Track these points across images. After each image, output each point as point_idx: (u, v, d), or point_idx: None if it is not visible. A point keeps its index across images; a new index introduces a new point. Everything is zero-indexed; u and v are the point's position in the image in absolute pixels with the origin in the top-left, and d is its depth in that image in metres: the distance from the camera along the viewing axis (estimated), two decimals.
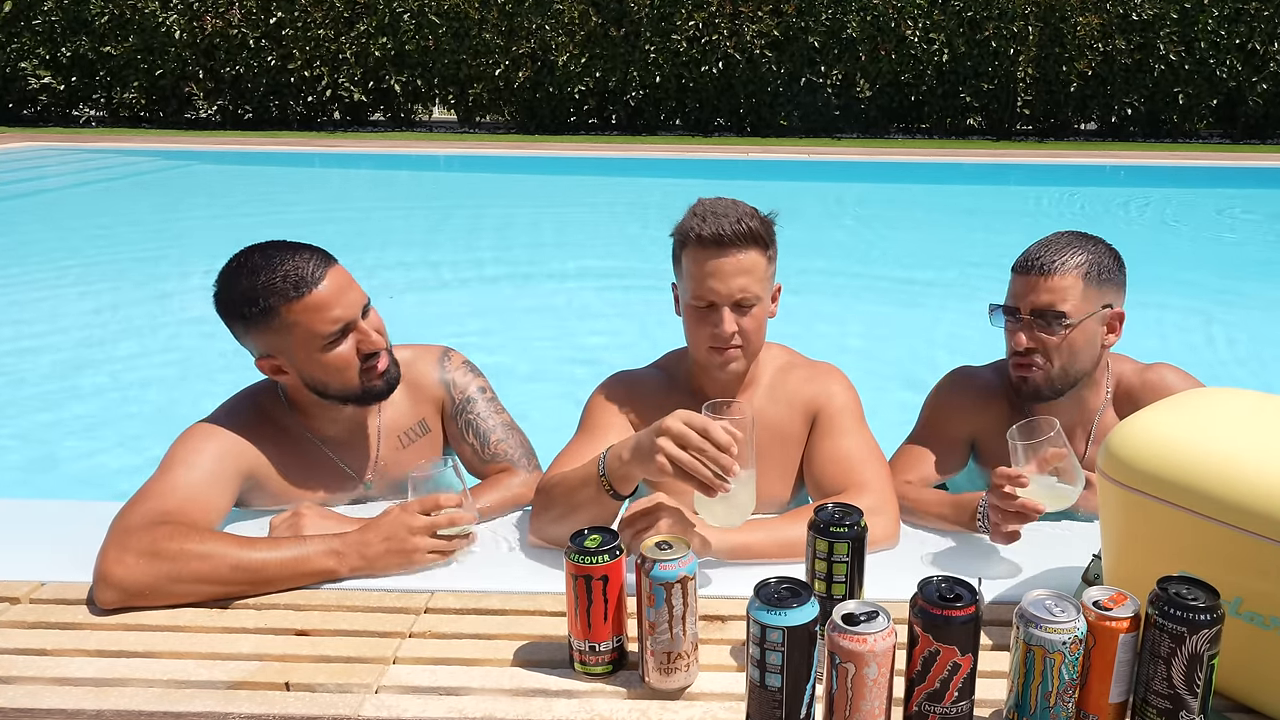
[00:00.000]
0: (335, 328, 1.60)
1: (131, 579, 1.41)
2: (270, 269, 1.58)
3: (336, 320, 1.60)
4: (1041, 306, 1.74)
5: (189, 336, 4.62)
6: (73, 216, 8.10)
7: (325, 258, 1.63)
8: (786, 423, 1.79)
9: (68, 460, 3.38)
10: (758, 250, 1.65)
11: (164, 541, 1.43)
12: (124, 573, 1.41)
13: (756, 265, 1.65)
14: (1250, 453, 1.14)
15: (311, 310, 1.58)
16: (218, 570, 1.43)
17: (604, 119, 14.41)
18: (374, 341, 1.64)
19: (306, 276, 1.58)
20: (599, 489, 1.47)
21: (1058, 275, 1.74)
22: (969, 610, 1.07)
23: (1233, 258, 6.84)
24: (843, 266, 6.27)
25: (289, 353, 1.63)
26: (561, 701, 1.23)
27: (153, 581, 1.41)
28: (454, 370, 1.87)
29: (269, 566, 1.46)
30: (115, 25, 13.59)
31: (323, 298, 1.59)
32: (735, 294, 1.64)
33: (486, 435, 1.84)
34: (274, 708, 1.21)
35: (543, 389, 3.41)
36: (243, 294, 1.59)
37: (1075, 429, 1.90)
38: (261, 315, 1.59)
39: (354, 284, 1.66)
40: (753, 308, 1.66)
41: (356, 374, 1.65)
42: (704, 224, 1.63)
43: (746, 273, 1.64)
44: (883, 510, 1.61)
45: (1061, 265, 1.74)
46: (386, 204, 9.05)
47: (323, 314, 1.59)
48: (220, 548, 1.45)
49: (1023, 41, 12.93)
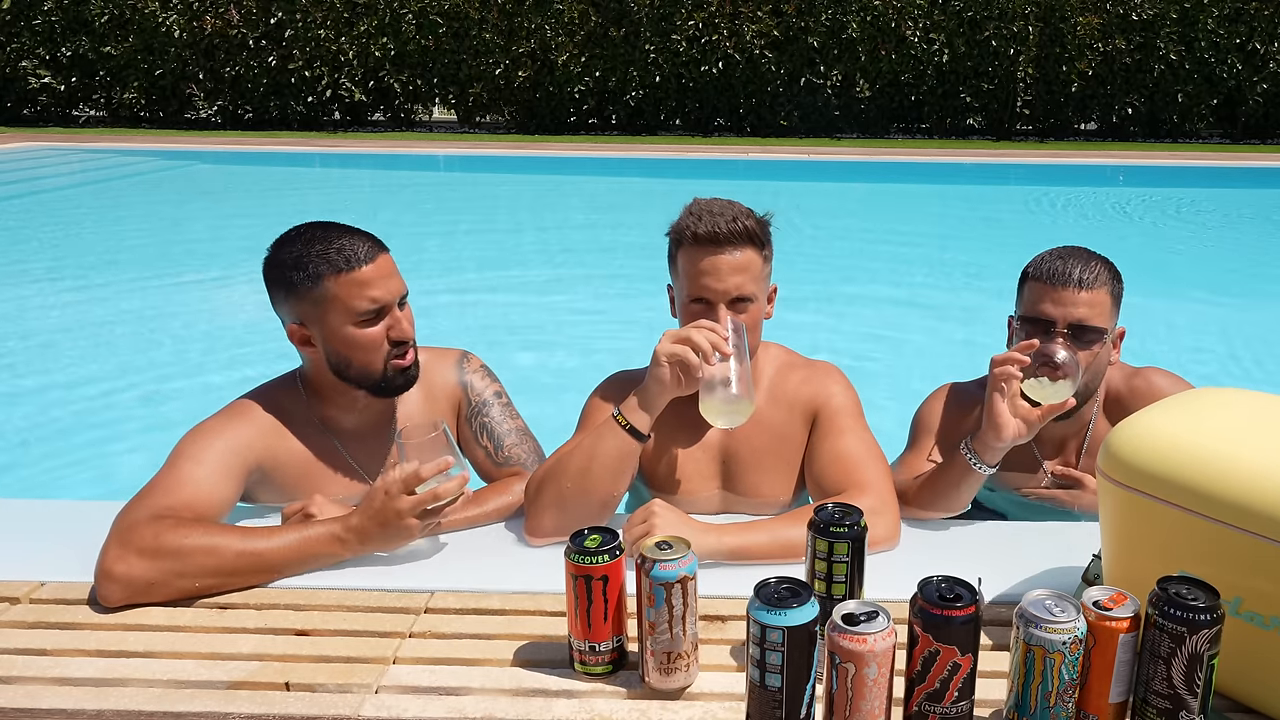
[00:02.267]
0: (372, 307, 1.64)
1: (134, 575, 1.41)
2: (325, 241, 1.64)
3: (375, 300, 1.64)
4: (1078, 320, 1.71)
5: (189, 336, 4.63)
6: (73, 217, 8.10)
7: (378, 244, 1.68)
8: (786, 423, 1.79)
9: (67, 460, 3.38)
10: (753, 249, 1.66)
11: (166, 535, 1.44)
12: (126, 569, 1.41)
13: (752, 263, 1.66)
14: (1250, 453, 1.14)
15: (353, 285, 1.62)
16: (223, 560, 1.45)
17: (604, 119, 14.42)
18: (405, 330, 1.68)
19: (357, 255, 1.63)
20: (614, 430, 1.56)
21: (1093, 290, 1.71)
22: (969, 610, 1.07)
23: (1233, 258, 6.84)
24: (842, 267, 6.27)
25: (321, 323, 1.66)
26: (561, 701, 1.23)
27: (157, 576, 1.42)
28: (472, 373, 1.88)
29: (273, 552, 1.47)
30: (115, 25, 13.60)
31: (367, 276, 1.63)
32: (731, 292, 1.64)
33: (501, 439, 1.85)
34: (274, 708, 1.21)
35: (542, 389, 3.41)
36: (294, 259, 1.64)
37: (1069, 441, 1.90)
38: (306, 281, 1.63)
39: (398, 274, 1.70)
40: (749, 306, 1.67)
41: (382, 358, 1.68)
42: (699, 222, 1.64)
43: (742, 270, 1.65)
44: (883, 510, 1.61)
45: (1095, 280, 1.72)
46: (386, 204, 9.05)
47: (363, 291, 1.63)
48: (223, 538, 1.47)
49: (1023, 41, 12.94)
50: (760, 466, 1.79)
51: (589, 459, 1.58)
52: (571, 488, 1.58)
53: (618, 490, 1.61)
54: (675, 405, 1.75)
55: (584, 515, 1.55)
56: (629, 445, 1.58)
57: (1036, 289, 1.75)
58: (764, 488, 1.80)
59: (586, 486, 1.58)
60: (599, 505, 1.59)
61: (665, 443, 1.80)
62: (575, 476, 1.58)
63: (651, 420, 1.58)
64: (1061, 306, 1.71)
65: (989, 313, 5.11)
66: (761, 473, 1.79)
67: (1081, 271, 1.72)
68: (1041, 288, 1.74)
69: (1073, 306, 1.71)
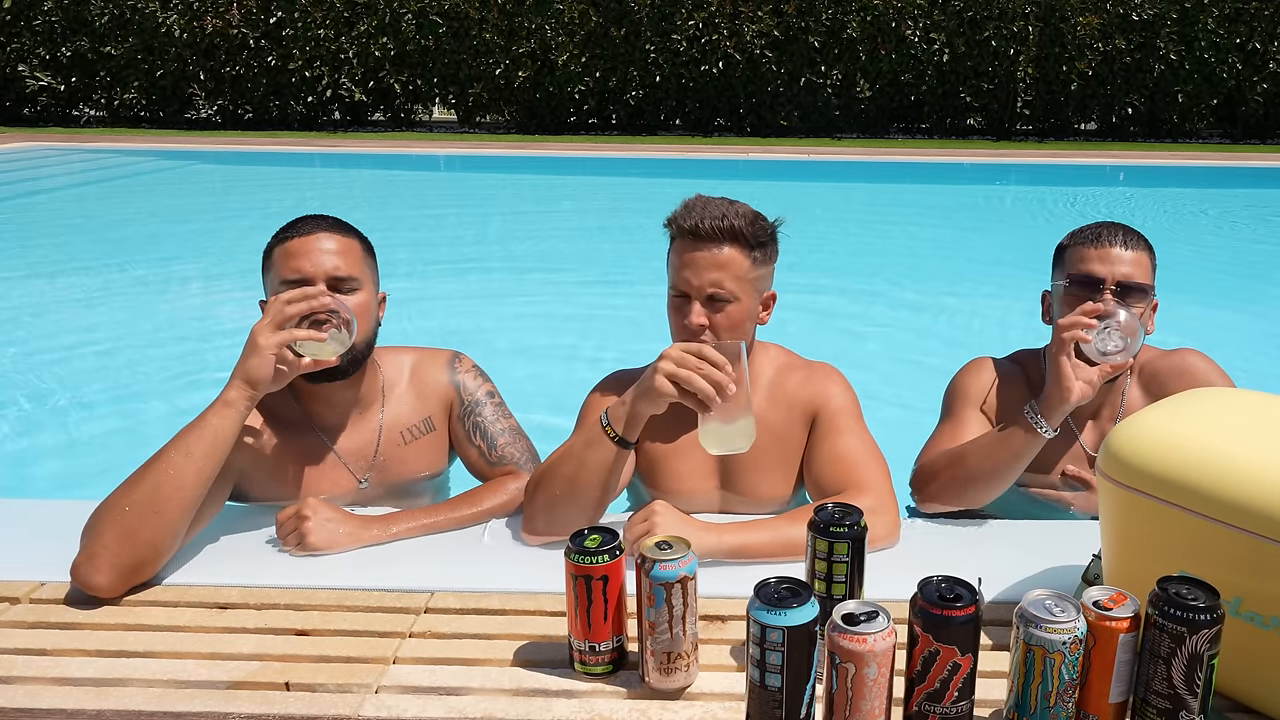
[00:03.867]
0: (293, 276, 1.62)
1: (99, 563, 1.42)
2: (296, 221, 1.68)
3: (296, 270, 1.62)
4: (1124, 278, 1.74)
5: (189, 335, 4.63)
6: (73, 217, 8.10)
7: (339, 228, 1.69)
8: (786, 423, 1.79)
9: (68, 460, 3.38)
10: (738, 248, 1.64)
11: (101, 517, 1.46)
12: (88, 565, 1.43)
13: (734, 262, 1.64)
14: (1250, 453, 1.14)
15: (284, 255, 1.64)
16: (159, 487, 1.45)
17: (604, 119, 14.42)
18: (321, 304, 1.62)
19: (298, 229, 1.66)
20: (601, 439, 1.53)
21: (1136, 251, 1.76)
22: (969, 610, 1.07)
23: (1233, 258, 6.84)
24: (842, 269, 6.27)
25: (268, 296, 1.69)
26: (561, 701, 1.23)
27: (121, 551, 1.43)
28: (464, 373, 1.89)
29: (171, 444, 1.48)
30: (115, 25, 13.60)
31: (294, 247, 1.64)
32: (707, 288, 1.64)
33: (494, 438, 1.85)
34: (274, 708, 1.21)
35: (540, 389, 3.41)
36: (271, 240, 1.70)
37: (1103, 409, 1.91)
38: (265, 257, 1.69)
39: (343, 255, 1.66)
40: (727, 305, 1.65)
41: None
42: (687, 215, 1.65)
43: (720, 268, 1.64)
44: (882, 509, 1.61)
45: (1136, 242, 1.77)
46: (387, 203, 9.05)
47: (288, 261, 1.63)
48: (140, 472, 1.47)
49: (1023, 41, 12.94)
50: (759, 466, 1.79)
51: (578, 467, 1.57)
52: (561, 494, 1.58)
53: (608, 496, 1.60)
54: (675, 409, 1.75)
55: (576, 520, 1.55)
56: (619, 455, 1.55)
57: (1080, 252, 1.79)
58: (763, 487, 1.80)
59: (576, 494, 1.57)
60: (591, 508, 1.59)
61: (664, 441, 1.80)
62: (564, 484, 1.58)
63: (639, 429, 1.54)
64: (1109, 265, 1.75)
65: (988, 313, 5.12)
66: (760, 472, 1.79)
67: (1124, 235, 1.78)
68: (1086, 250, 1.78)
69: (1119, 264, 1.75)
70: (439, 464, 1.89)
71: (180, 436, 1.50)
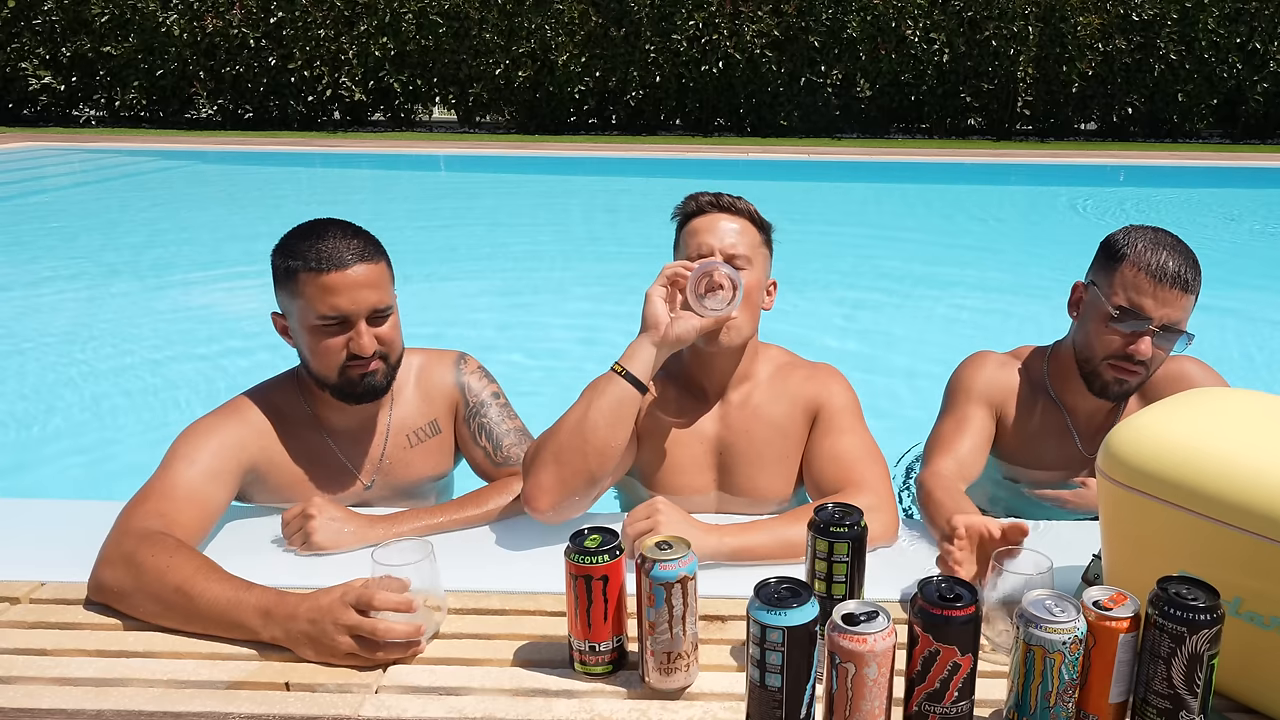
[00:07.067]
0: (332, 314, 1.61)
1: (107, 582, 1.41)
2: (316, 237, 1.62)
3: (336, 309, 1.61)
4: (1173, 323, 1.71)
5: (189, 336, 4.63)
6: (73, 217, 8.10)
7: (367, 252, 1.64)
8: (787, 420, 1.79)
9: (68, 460, 3.38)
10: (750, 224, 1.74)
11: (142, 549, 1.40)
12: (109, 576, 1.41)
13: (748, 231, 1.73)
14: (1250, 453, 1.14)
15: (319, 288, 1.60)
16: (162, 590, 1.36)
17: (604, 119, 14.42)
18: (361, 346, 1.63)
19: (333, 258, 1.60)
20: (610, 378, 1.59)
21: (1191, 295, 1.71)
22: (969, 610, 1.07)
23: (1232, 257, 6.83)
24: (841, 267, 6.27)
25: (291, 317, 1.67)
26: (561, 701, 1.23)
27: (123, 586, 1.39)
28: (469, 375, 1.88)
29: (203, 601, 1.34)
30: (115, 25, 13.59)
31: (333, 282, 1.59)
32: (727, 250, 1.69)
33: (500, 439, 1.85)
34: (274, 708, 1.21)
35: (541, 390, 3.41)
36: (286, 248, 1.64)
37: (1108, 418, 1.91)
38: (285, 274, 1.63)
39: (378, 287, 1.64)
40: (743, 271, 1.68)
41: (337, 366, 1.65)
42: (703, 194, 1.76)
43: (739, 234, 1.72)
44: (882, 508, 1.62)
45: (1195, 281, 1.71)
46: (387, 203, 9.05)
47: (325, 296, 1.60)
48: (177, 570, 1.37)
49: (1023, 41, 12.93)
50: (758, 462, 1.79)
51: (586, 407, 1.59)
52: (567, 439, 1.58)
53: (615, 440, 1.59)
54: (673, 402, 1.75)
55: (581, 467, 1.56)
56: (627, 393, 1.59)
57: (1139, 280, 1.70)
58: (761, 484, 1.80)
59: (584, 434, 1.57)
60: (596, 456, 1.57)
61: (661, 437, 1.81)
62: (572, 427, 1.58)
63: (650, 370, 1.61)
64: (1164, 307, 1.70)
65: (990, 312, 5.11)
66: (759, 469, 1.80)
67: (1188, 272, 1.70)
68: (1146, 281, 1.70)
69: (1173, 309, 1.70)
70: (444, 466, 1.89)
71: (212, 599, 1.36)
